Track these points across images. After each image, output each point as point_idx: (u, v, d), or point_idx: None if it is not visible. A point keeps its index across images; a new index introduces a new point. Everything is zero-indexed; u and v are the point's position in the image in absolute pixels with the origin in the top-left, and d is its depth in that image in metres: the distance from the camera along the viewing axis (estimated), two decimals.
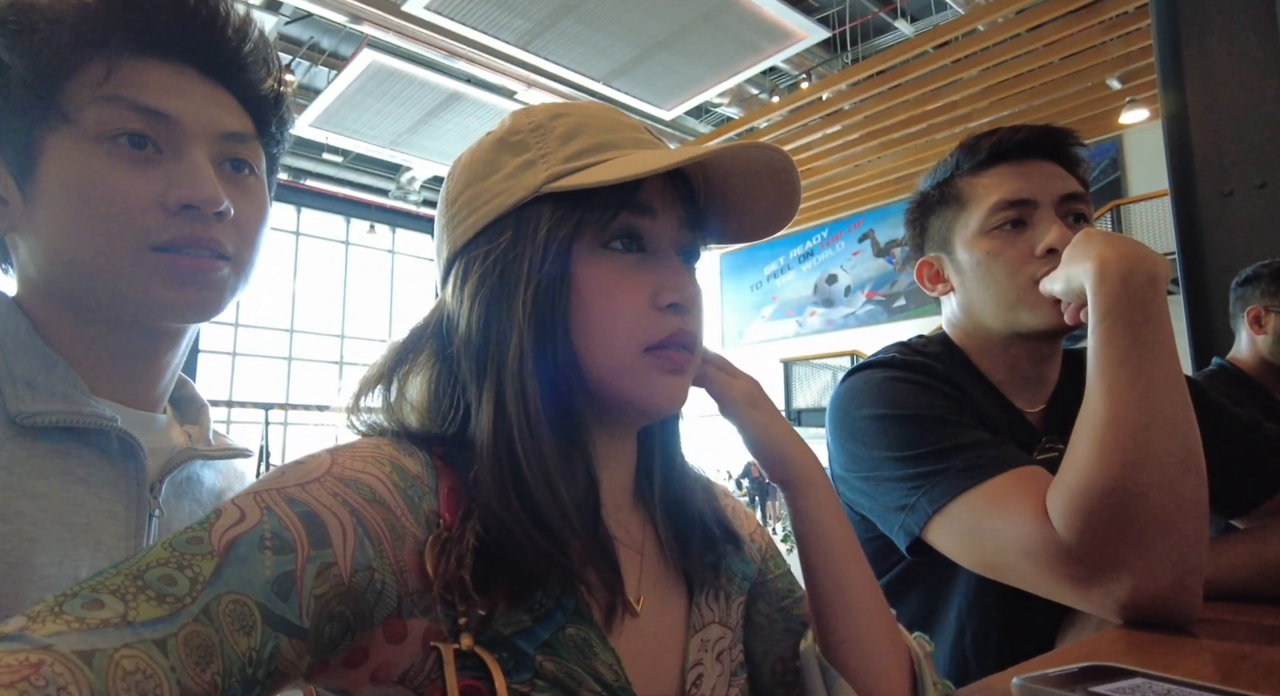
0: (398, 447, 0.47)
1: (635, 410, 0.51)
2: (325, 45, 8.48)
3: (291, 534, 0.39)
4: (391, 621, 0.42)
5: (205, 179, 0.55)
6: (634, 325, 0.49)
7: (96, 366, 0.57)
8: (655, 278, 0.50)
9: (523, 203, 0.50)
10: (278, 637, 0.37)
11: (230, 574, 0.36)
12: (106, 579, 0.34)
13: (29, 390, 0.52)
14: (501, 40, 6.72)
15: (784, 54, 7.39)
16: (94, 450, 0.54)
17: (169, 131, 0.55)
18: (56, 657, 0.29)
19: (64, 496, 0.51)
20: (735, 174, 0.53)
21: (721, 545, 0.58)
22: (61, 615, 0.32)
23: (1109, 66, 7.56)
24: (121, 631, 0.32)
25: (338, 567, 0.40)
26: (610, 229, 0.49)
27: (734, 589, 0.60)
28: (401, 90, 7.94)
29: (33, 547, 0.48)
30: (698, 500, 0.58)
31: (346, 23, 6.74)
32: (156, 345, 0.59)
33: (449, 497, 0.46)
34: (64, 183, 0.53)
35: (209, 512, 0.39)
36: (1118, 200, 9.44)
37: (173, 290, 0.55)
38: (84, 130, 0.53)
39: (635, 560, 0.54)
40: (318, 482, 0.42)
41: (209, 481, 0.65)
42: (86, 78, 0.53)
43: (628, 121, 0.54)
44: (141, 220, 0.53)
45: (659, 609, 0.54)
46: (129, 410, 0.58)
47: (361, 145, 9.45)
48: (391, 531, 0.43)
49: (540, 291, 0.48)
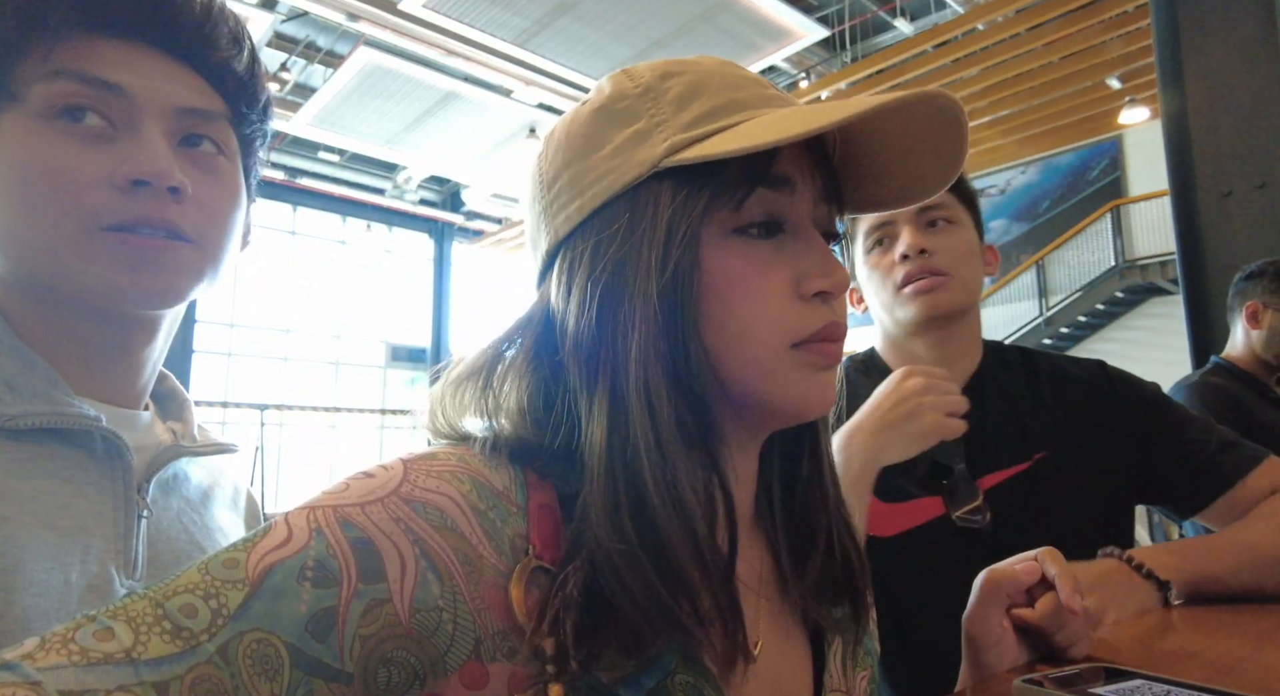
0: (484, 459, 0.41)
1: (783, 415, 0.44)
2: (321, 44, 8.46)
3: (339, 563, 0.34)
4: (470, 666, 0.37)
5: (157, 152, 0.52)
6: (778, 319, 0.42)
7: (75, 363, 0.55)
8: (799, 262, 0.43)
9: (639, 181, 0.42)
10: (312, 683, 0.32)
11: (259, 609, 0.32)
12: (132, 602, 0.32)
13: (10, 392, 0.50)
14: (499, 38, 6.71)
15: (783, 53, 7.38)
16: (79, 451, 0.52)
17: (121, 104, 0.52)
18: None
19: (50, 500, 0.50)
20: (886, 131, 0.44)
21: (858, 595, 0.49)
22: (69, 644, 0.30)
23: (1109, 66, 7.57)
24: (121, 669, 0.29)
25: (392, 605, 0.35)
26: (745, 208, 0.42)
27: (860, 663, 0.52)
28: (398, 89, 7.92)
29: (22, 553, 0.47)
30: (833, 524, 0.49)
31: (343, 21, 6.72)
32: (131, 336, 0.57)
33: (540, 518, 0.40)
34: (9, 163, 0.51)
35: (256, 530, 0.36)
36: (1117, 200, 9.46)
37: (125, 273, 0.52)
38: (30, 107, 0.51)
39: (753, 596, 0.47)
40: (380, 503, 0.37)
41: (196, 478, 0.64)
42: (35, 55, 0.51)
43: (751, 77, 0.46)
44: (90, 198, 0.50)
45: (779, 658, 0.47)
46: (112, 408, 0.56)
47: (358, 144, 9.43)
48: (465, 564, 0.37)
49: (666, 285, 0.41)
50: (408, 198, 12.25)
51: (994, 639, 0.54)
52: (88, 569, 0.50)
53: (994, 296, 10.11)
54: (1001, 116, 8.66)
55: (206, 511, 0.63)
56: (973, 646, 0.55)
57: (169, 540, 0.57)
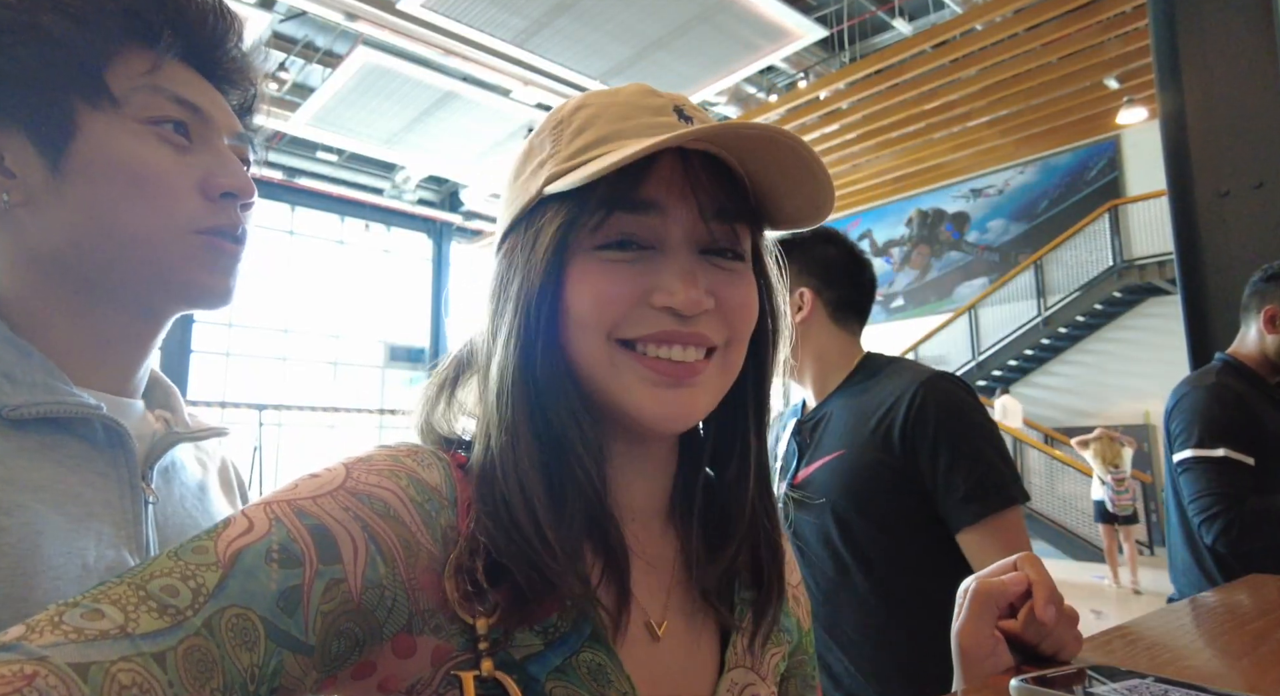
0: (417, 459, 0.46)
1: (630, 420, 0.47)
2: (320, 43, 8.45)
3: (300, 547, 0.38)
4: (400, 637, 0.42)
5: (240, 169, 0.60)
6: (612, 318, 0.46)
7: (80, 354, 0.56)
8: (654, 278, 0.46)
9: (530, 206, 0.49)
10: (281, 653, 0.36)
11: (235, 587, 0.36)
12: (109, 588, 0.34)
13: (9, 382, 0.51)
14: (497, 38, 6.71)
15: (781, 53, 7.39)
16: (80, 440, 0.54)
17: (201, 125, 0.59)
18: (51, 669, 0.29)
19: (59, 488, 0.51)
20: (764, 158, 0.47)
21: (770, 579, 0.54)
22: (60, 626, 0.31)
23: (1107, 66, 7.59)
24: (120, 643, 0.31)
25: (347, 584, 0.39)
26: (603, 230, 0.46)
27: (771, 640, 0.56)
28: (397, 89, 7.92)
29: (39, 538, 0.48)
30: (747, 523, 0.52)
31: (342, 20, 6.72)
32: (151, 329, 0.61)
33: (467, 510, 0.45)
34: (112, 160, 0.55)
35: (217, 522, 0.39)
36: (1115, 200, 9.48)
37: (211, 274, 0.58)
38: (131, 113, 0.56)
39: (661, 580, 0.51)
40: (330, 496, 0.41)
41: (190, 464, 0.66)
42: (132, 65, 0.56)
43: (651, 105, 0.49)
44: (186, 203, 0.57)
45: (686, 637, 0.51)
46: (111, 397, 0.58)
47: (356, 144, 9.42)
48: (405, 548, 0.42)
49: (529, 293, 0.47)
50: (406, 197, 12.25)
51: (987, 650, 0.54)
52: (103, 553, 0.51)
53: (992, 297, 10.13)
54: (1000, 116, 8.68)
55: (206, 496, 0.65)
56: (967, 658, 0.55)
57: (176, 525, 0.59)
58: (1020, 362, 10.06)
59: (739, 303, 0.49)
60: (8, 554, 0.47)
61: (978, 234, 11.02)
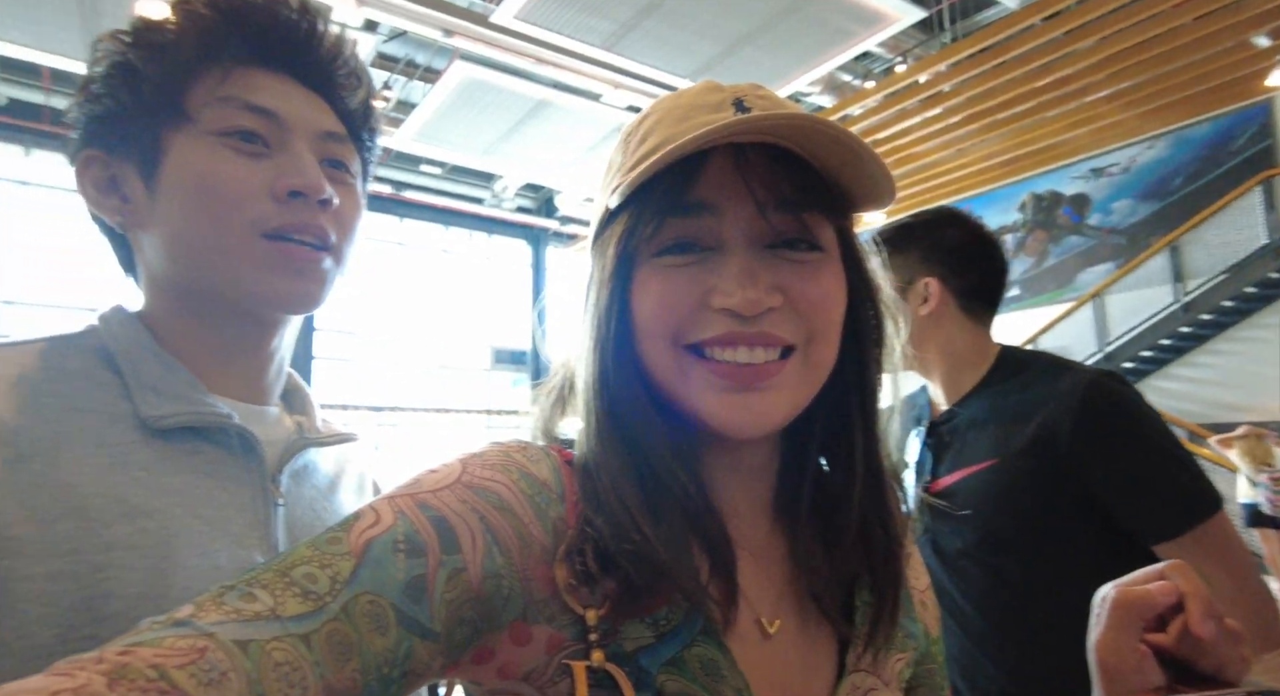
0: (526, 455, 0.48)
1: (704, 427, 0.47)
2: (420, 61, 8.85)
3: (423, 538, 0.40)
4: (516, 625, 0.43)
5: (310, 167, 0.60)
6: (674, 324, 0.46)
7: (211, 364, 0.61)
8: (712, 279, 0.46)
9: (603, 220, 0.50)
10: (411, 639, 0.38)
11: (366, 575, 0.38)
12: (259, 574, 0.37)
13: (155, 395, 0.56)
14: (587, 43, 6.80)
15: (877, 38, 7.09)
16: (216, 447, 0.58)
17: (276, 128, 0.60)
18: (218, 644, 0.32)
19: (196, 492, 0.55)
20: (821, 144, 0.46)
21: (887, 581, 0.52)
22: (222, 605, 0.34)
23: (1254, 22, 6.80)
24: (272, 624, 0.34)
25: (468, 573, 0.41)
26: (659, 237, 0.47)
27: (893, 644, 0.54)
28: (493, 100, 8.18)
29: (175, 540, 0.52)
30: (857, 523, 0.51)
31: (439, 37, 7.00)
32: (260, 334, 0.63)
33: (575, 504, 0.46)
34: (185, 175, 0.58)
35: (349, 515, 0.41)
36: (1268, 171, 8.49)
37: (282, 279, 0.59)
38: (203, 127, 0.58)
39: (772, 578, 0.51)
40: (448, 490, 0.43)
41: (323, 467, 0.69)
42: (206, 82, 0.59)
43: (709, 102, 0.48)
44: (253, 208, 0.58)
45: (799, 637, 0.50)
46: (243, 405, 0.62)
47: (457, 156, 9.80)
48: (519, 538, 0.43)
49: (600, 306, 0.48)
50: (505, 205, 12.64)
51: (1131, 666, 0.49)
52: (234, 554, 0.55)
53: (1120, 283, 9.33)
54: (1121, 89, 7.95)
55: (335, 497, 0.68)
56: (1106, 673, 0.50)
57: (304, 526, 0.62)
58: (1156, 353, 9.19)
59: (815, 296, 0.46)
60: (149, 555, 0.50)
61: (1100, 216, 10.17)
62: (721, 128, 0.42)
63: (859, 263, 0.52)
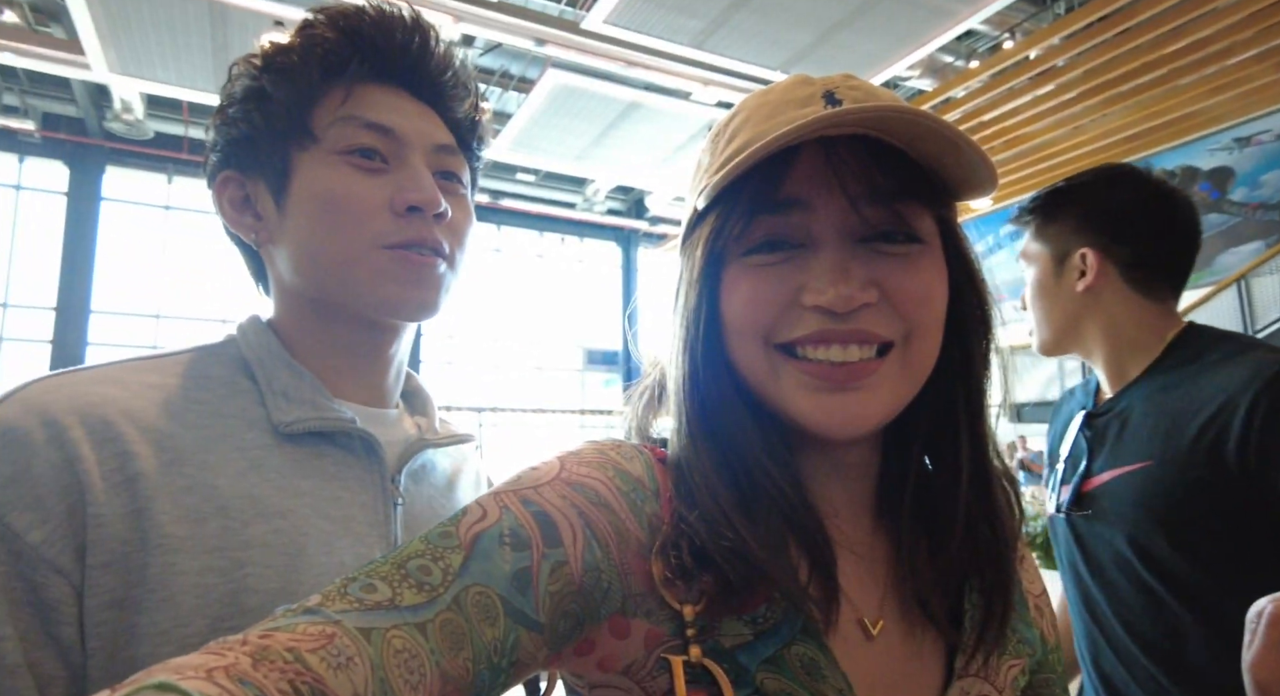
0: (620, 453, 0.48)
1: (798, 428, 0.46)
2: (514, 71, 9.13)
3: (527, 532, 0.41)
4: (615, 618, 0.44)
5: (427, 183, 0.62)
6: (764, 323, 0.46)
7: (336, 369, 0.64)
8: (803, 277, 0.45)
9: (692, 221, 0.50)
10: (518, 630, 0.39)
11: (475, 567, 0.39)
12: (377, 566, 0.38)
13: (285, 401, 0.59)
14: (676, 43, 6.79)
15: (981, 14, 6.69)
16: (341, 450, 0.61)
17: (393, 144, 0.63)
18: (344, 631, 0.34)
19: (323, 493, 0.58)
20: (916, 132, 0.44)
21: (996, 585, 0.50)
22: (346, 596, 0.36)
23: None
24: (390, 613, 0.36)
25: (569, 566, 0.41)
26: (748, 236, 0.46)
27: (1006, 650, 0.52)
28: (584, 106, 8.32)
29: (304, 540, 0.55)
30: (962, 525, 0.49)
31: (531, 46, 7.19)
32: (379, 340, 0.66)
33: (669, 501, 0.47)
34: (311, 192, 0.61)
35: (458, 511, 0.43)
36: None
37: (402, 287, 0.61)
38: (327, 147, 0.61)
39: (875, 578, 0.50)
40: (549, 485, 0.44)
41: (441, 466, 0.71)
42: (329, 102, 0.62)
43: (798, 97, 0.47)
44: (375, 223, 0.60)
45: (904, 639, 0.49)
46: (365, 409, 0.65)
47: (550, 162, 10.03)
48: (617, 533, 0.44)
49: (689, 307, 0.48)
50: (596, 209, 12.84)
51: None
52: (358, 552, 0.58)
53: (1269, 265, 8.41)
54: (1273, 46, 7.15)
55: (453, 496, 0.70)
56: (1265, 694, 0.49)
57: (423, 523, 0.64)
58: None
59: (914, 290, 0.45)
60: (281, 553, 0.54)
61: (1246, 190, 9.19)
62: (809, 124, 0.41)
63: (962, 253, 0.50)
